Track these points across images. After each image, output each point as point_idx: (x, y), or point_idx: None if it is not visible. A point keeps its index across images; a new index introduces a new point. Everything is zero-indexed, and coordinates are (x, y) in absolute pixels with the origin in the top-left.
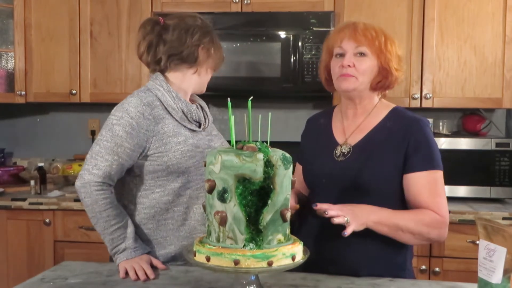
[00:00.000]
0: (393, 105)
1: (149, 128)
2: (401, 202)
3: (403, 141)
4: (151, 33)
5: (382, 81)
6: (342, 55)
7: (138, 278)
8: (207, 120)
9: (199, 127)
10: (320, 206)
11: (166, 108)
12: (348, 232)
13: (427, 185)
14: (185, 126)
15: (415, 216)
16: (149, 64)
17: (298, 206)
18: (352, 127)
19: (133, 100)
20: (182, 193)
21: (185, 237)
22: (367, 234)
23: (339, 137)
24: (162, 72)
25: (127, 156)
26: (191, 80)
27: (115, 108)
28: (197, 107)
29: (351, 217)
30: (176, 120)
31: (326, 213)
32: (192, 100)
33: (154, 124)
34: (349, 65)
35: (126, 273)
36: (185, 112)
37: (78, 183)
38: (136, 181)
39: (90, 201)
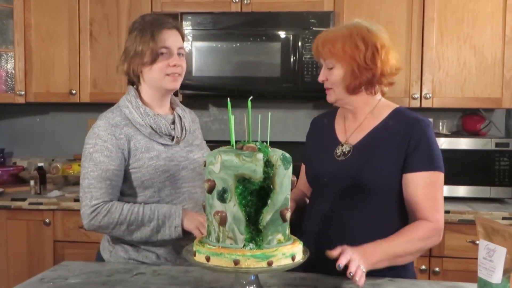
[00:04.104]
0: (395, 105)
1: (124, 146)
2: (400, 201)
3: (403, 141)
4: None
5: (353, 83)
6: None
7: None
8: (183, 131)
9: (172, 140)
10: (331, 254)
11: (134, 125)
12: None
13: (424, 186)
14: (156, 141)
15: (409, 236)
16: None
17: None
18: (353, 126)
19: (101, 124)
20: None
21: (177, 240)
22: (367, 234)
23: (341, 136)
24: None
25: (117, 177)
26: (146, 90)
27: (87, 135)
28: (174, 118)
29: (362, 261)
30: (146, 136)
31: (340, 267)
32: (173, 108)
33: (127, 142)
34: (323, 80)
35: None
36: (154, 127)
37: (85, 222)
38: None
39: (108, 220)
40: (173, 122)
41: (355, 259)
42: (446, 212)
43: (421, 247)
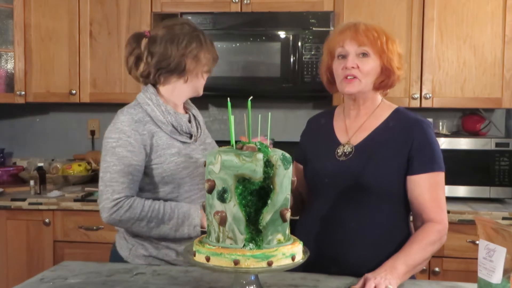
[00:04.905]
0: (395, 106)
1: (146, 142)
2: (402, 202)
3: (405, 143)
4: (137, 47)
5: (385, 81)
6: (344, 57)
7: None
8: (199, 130)
9: (190, 138)
10: None
11: (156, 123)
12: None
13: (429, 187)
14: (176, 139)
15: (422, 243)
16: (139, 79)
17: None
18: (354, 127)
19: (125, 119)
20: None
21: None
22: (369, 234)
23: (341, 136)
24: (154, 84)
25: (138, 172)
26: (182, 90)
27: (108, 129)
28: (190, 117)
29: (388, 280)
30: (167, 133)
31: None
32: (186, 108)
33: (149, 138)
34: (352, 67)
35: None
36: (175, 125)
37: (106, 215)
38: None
39: (129, 215)
40: (189, 121)
41: (380, 283)
42: (447, 212)
43: (434, 250)
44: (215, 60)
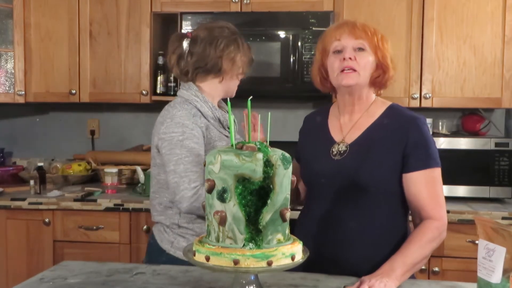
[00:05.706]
0: (389, 102)
1: (204, 134)
2: (400, 201)
3: (400, 140)
4: (179, 46)
5: (380, 77)
6: (340, 52)
7: None
8: (235, 126)
9: None
10: None
11: (205, 118)
12: None
13: (426, 184)
14: (222, 133)
15: (420, 241)
16: (179, 76)
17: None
18: (349, 124)
19: (182, 114)
20: None
21: None
22: (367, 233)
23: (336, 135)
24: (193, 81)
25: (203, 162)
26: (218, 88)
27: (167, 125)
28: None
29: (384, 283)
30: (215, 127)
31: None
32: (220, 107)
33: (205, 131)
34: (350, 58)
35: None
36: (221, 120)
37: (186, 204)
38: None
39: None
40: None
41: (375, 285)
42: (446, 211)
43: (433, 247)
44: (250, 63)
